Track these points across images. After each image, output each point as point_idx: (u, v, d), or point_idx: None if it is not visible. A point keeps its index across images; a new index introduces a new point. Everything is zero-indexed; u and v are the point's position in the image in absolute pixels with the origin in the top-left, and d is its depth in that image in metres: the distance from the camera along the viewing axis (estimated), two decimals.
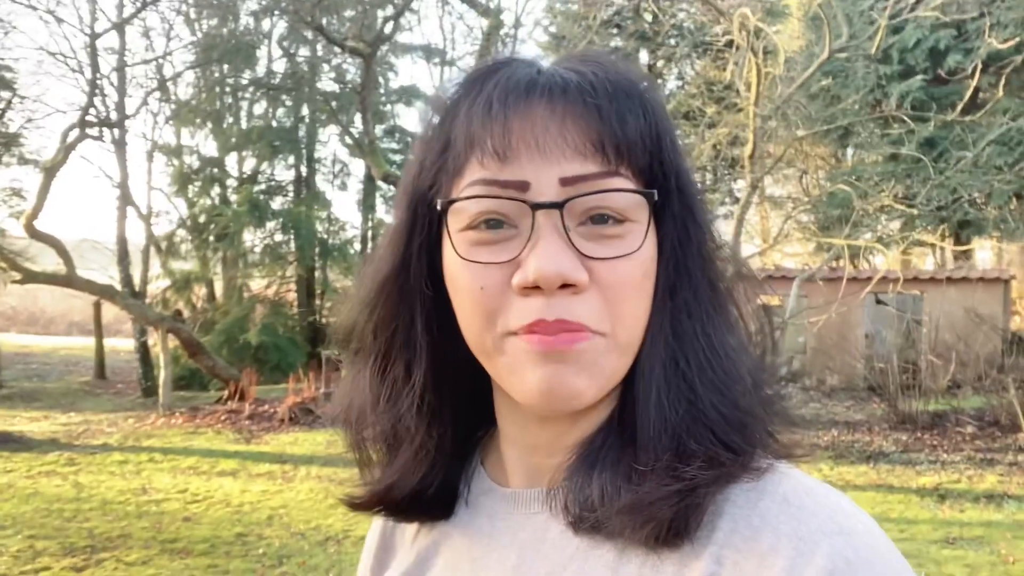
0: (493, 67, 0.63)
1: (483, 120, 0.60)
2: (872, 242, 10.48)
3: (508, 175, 0.59)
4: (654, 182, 0.61)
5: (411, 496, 0.71)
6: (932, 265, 18.13)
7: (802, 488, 0.56)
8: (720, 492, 0.56)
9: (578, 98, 0.60)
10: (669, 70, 17.18)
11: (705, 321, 0.62)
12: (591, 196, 0.58)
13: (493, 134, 0.59)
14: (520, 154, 0.59)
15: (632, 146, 0.60)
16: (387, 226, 0.70)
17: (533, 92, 0.60)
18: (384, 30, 12.33)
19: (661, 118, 0.63)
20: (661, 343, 0.61)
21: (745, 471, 0.57)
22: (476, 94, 0.61)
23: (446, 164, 0.62)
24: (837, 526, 0.53)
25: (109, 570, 5.35)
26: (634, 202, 0.60)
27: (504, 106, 0.59)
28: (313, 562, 5.58)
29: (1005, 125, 10.41)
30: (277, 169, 19.47)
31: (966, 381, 10.65)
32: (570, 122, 0.59)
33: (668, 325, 0.61)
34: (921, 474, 7.73)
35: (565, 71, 0.62)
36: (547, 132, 0.59)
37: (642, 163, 0.61)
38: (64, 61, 14.29)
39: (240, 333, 15.92)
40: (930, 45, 14.93)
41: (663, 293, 0.62)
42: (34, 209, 12.38)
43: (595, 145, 0.59)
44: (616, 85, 0.61)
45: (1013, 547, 5.65)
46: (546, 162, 0.58)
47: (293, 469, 8.40)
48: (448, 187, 0.62)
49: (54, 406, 12.91)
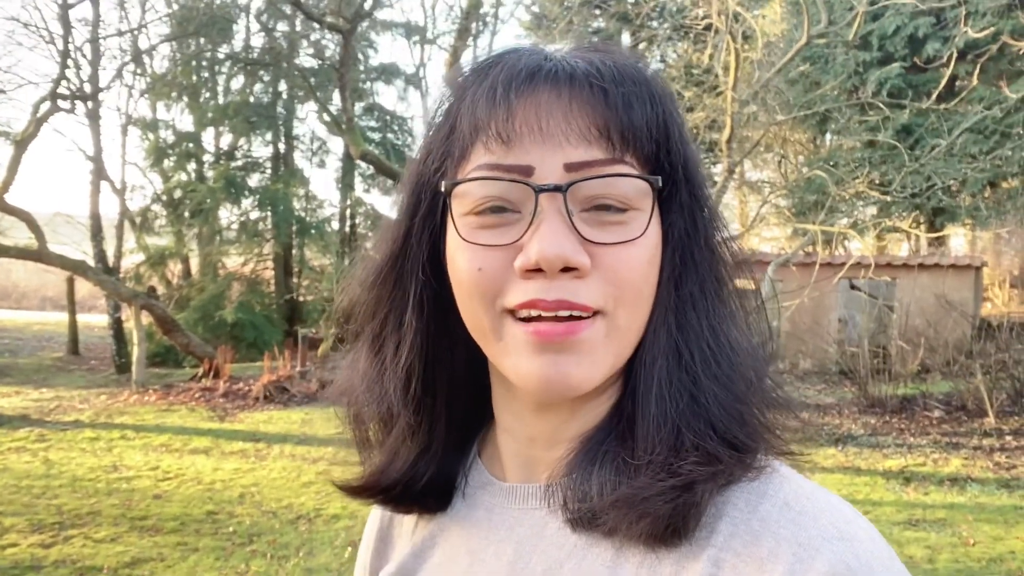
0: (501, 54, 0.63)
1: (488, 105, 0.60)
2: (847, 228, 10.57)
3: (512, 159, 0.59)
4: (660, 171, 0.61)
5: (404, 483, 0.71)
6: (907, 251, 18.33)
7: (803, 493, 0.56)
8: (720, 492, 0.56)
9: (584, 84, 0.60)
10: (651, 52, 17.17)
11: (711, 314, 0.61)
12: (595, 181, 0.58)
13: (497, 119, 0.59)
14: (524, 138, 0.59)
15: (638, 133, 0.59)
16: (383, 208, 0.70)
17: (538, 78, 0.60)
18: (363, 6, 12.20)
19: (669, 107, 0.62)
20: (664, 334, 0.60)
21: (746, 470, 0.57)
22: (482, 80, 0.61)
23: (451, 149, 0.62)
24: (838, 532, 0.52)
25: (77, 547, 5.32)
26: (638, 189, 0.59)
27: (508, 91, 0.59)
28: (283, 540, 5.58)
29: (980, 114, 10.50)
30: (254, 145, 19.31)
31: (935, 366, 10.80)
32: (575, 107, 0.59)
33: (672, 317, 0.61)
34: (888, 457, 7.85)
35: (572, 58, 0.62)
36: (552, 117, 0.59)
37: (648, 151, 0.60)
38: (36, 31, 14.03)
39: (216, 310, 15.81)
40: (909, 32, 15.02)
41: (668, 284, 0.61)
42: (4, 182, 12.18)
43: (600, 131, 0.59)
44: (623, 72, 0.61)
45: (974, 529, 5.77)
46: (550, 147, 0.58)
47: (266, 447, 8.38)
48: (453, 171, 0.62)
49: (26, 382, 12.77)
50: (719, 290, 0.63)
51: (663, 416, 0.58)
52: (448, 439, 0.71)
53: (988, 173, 12.49)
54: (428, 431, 0.70)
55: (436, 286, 0.65)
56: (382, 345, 0.68)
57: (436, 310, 0.66)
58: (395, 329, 0.67)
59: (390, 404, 0.68)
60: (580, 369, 0.58)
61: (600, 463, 0.59)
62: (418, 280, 0.65)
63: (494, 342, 0.60)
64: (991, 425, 8.72)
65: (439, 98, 0.66)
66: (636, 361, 0.61)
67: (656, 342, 0.60)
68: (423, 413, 0.69)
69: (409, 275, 0.66)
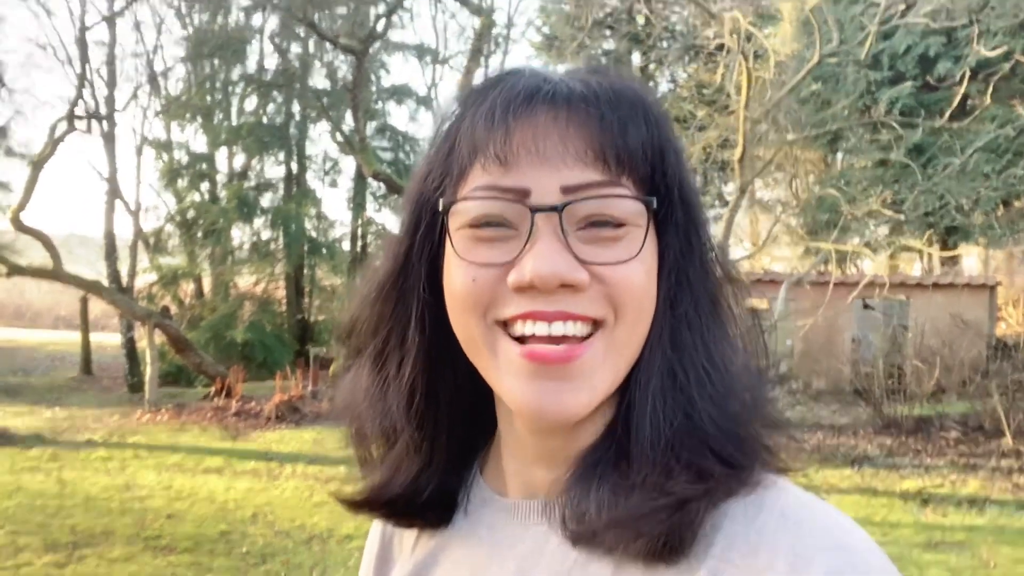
0: (501, 76, 0.64)
1: (486, 126, 0.60)
2: (859, 247, 10.53)
3: (510, 181, 0.59)
4: (655, 192, 0.61)
5: (406, 497, 0.71)
6: (919, 271, 18.23)
7: (800, 504, 0.56)
8: (716, 507, 0.56)
9: (580, 106, 0.60)
10: (661, 73, 17.23)
11: (705, 334, 0.62)
12: (591, 201, 0.59)
13: (496, 140, 0.59)
14: (521, 160, 0.59)
15: (633, 155, 0.60)
16: (393, 228, 0.71)
17: (536, 100, 0.61)
18: (376, 27, 12.32)
19: (665, 130, 0.63)
20: (660, 354, 0.61)
21: (742, 485, 0.57)
22: (482, 101, 0.62)
23: (451, 168, 0.63)
24: (834, 541, 0.53)
25: (91, 566, 5.31)
26: (634, 210, 0.60)
27: (507, 113, 0.60)
28: (297, 560, 5.56)
29: (992, 132, 10.49)
30: (267, 165, 19.43)
31: (951, 386, 10.71)
32: (572, 130, 0.59)
33: (667, 336, 0.61)
34: (905, 478, 7.77)
35: (571, 81, 0.62)
36: (548, 139, 0.59)
37: (643, 173, 0.61)
38: (53, 54, 14.23)
39: (227, 330, 15.85)
40: (920, 51, 15.02)
41: (663, 304, 0.62)
42: (21, 202, 12.32)
43: (596, 153, 0.59)
44: (620, 95, 0.62)
45: (994, 551, 5.69)
46: (547, 169, 0.59)
47: (279, 467, 8.37)
48: (452, 191, 0.63)
49: (39, 401, 12.82)
50: (714, 310, 0.63)
51: (657, 435, 0.58)
52: (450, 454, 0.72)
53: (1001, 192, 12.44)
54: (430, 446, 0.70)
55: (436, 303, 0.66)
56: (385, 362, 0.69)
57: (438, 327, 0.66)
58: (398, 346, 0.68)
59: (393, 420, 0.68)
60: (578, 397, 0.58)
61: (597, 483, 0.60)
62: (419, 297, 0.66)
63: (487, 357, 0.61)
64: (1009, 446, 8.63)
65: (440, 117, 0.67)
66: (631, 380, 0.61)
67: (651, 361, 0.61)
68: (426, 428, 0.69)
69: (411, 292, 0.66)
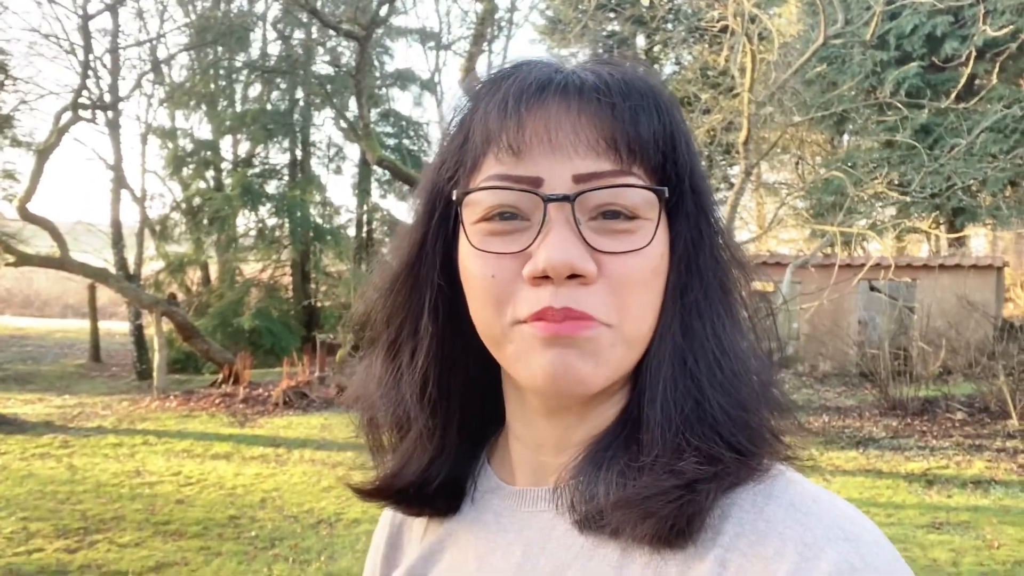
0: (514, 66, 0.65)
1: (499, 117, 0.61)
2: (866, 229, 10.49)
3: (522, 171, 0.60)
4: (667, 181, 0.62)
5: (417, 485, 0.72)
6: (927, 252, 18.17)
7: (809, 494, 0.57)
8: (725, 495, 0.57)
9: (592, 96, 0.61)
10: (666, 55, 17.12)
11: (715, 322, 0.62)
12: (603, 191, 0.59)
13: (508, 130, 0.60)
14: (534, 150, 0.60)
15: (645, 145, 0.61)
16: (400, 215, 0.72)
17: (548, 91, 0.61)
18: (379, 13, 12.25)
19: (676, 119, 0.64)
20: (670, 342, 0.61)
21: (750, 473, 0.57)
22: (495, 91, 0.63)
23: (464, 158, 0.64)
24: (843, 532, 0.53)
25: (102, 551, 5.38)
26: (645, 199, 0.60)
27: (519, 103, 0.61)
28: (305, 544, 5.61)
29: (1000, 112, 10.40)
30: (271, 152, 19.45)
31: (957, 368, 10.71)
32: (584, 119, 0.60)
33: (677, 324, 0.62)
34: (910, 459, 7.79)
35: (582, 71, 0.63)
36: (561, 129, 0.60)
37: (655, 162, 0.62)
38: (57, 42, 14.18)
39: (234, 317, 15.92)
40: (927, 31, 14.91)
41: (673, 292, 0.62)
42: (27, 191, 12.35)
43: (608, 143, 0.60)
44: (631, 85, 0.62)
45: (998, 532, 5.71)
46: (559, 158, 0.60)
47: (286, 452, 8.43)
48: (465, 182, 0.64)
49: (49, 388, 12.92)
50: (724, 298, 0.64)
51: (668, 421, 0.59)
52: (460, 444, 0.72)
53: (1009, 172, 12.39)
54: (442, 436, 0.71)
55: (450, 292, 0.66)
56: (398, 351, 0.69)
57: (451, 316, 0.67)
58: (411, 335, 0.68)
59: (406, 408, 0.69)
60: (586, 365, 0.59)
61: (606, 466, 0.60)
62: (433, 286, 0.66)
63: (505, 347, 0.62)
64: (1015, 427, 8.63)
65: (454, 107, 0.67)
66: (642, 368, 0.62)
67: (662, 349, 0.61)
68: (438, 418, 0.70)
69: (425, 281, 0.67)
